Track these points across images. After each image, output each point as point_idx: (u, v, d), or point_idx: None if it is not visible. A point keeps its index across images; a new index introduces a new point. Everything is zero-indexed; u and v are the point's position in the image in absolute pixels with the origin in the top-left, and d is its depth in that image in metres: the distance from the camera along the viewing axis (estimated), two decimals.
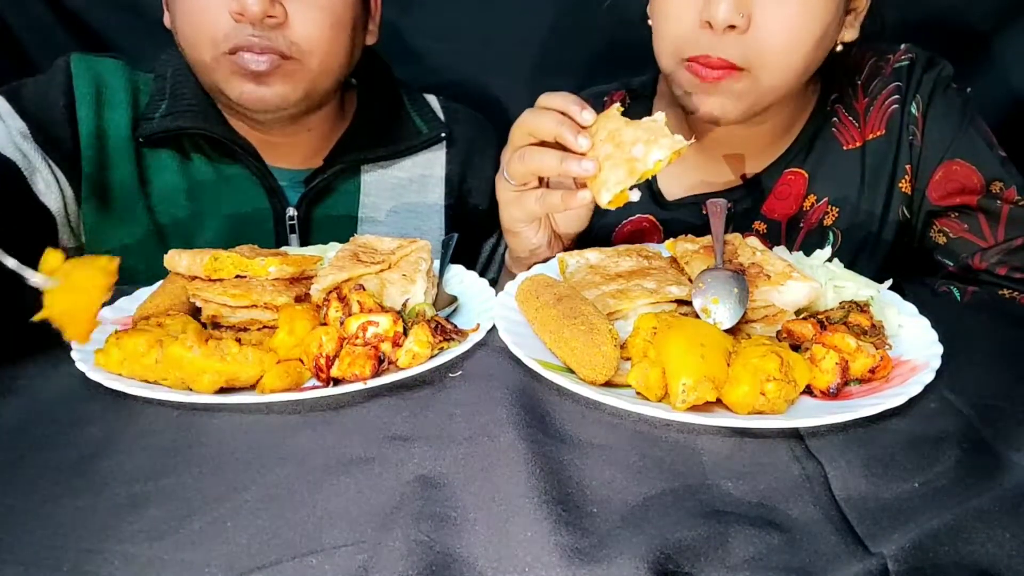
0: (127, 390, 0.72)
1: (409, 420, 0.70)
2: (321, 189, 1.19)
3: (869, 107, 1.11)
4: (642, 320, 0.76)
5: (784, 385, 0.68)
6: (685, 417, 0.68)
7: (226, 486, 0.62)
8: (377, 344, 0.76)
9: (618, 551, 0.54)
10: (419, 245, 0.94)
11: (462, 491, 0.61)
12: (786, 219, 1.13)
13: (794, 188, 1.13)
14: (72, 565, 0.54)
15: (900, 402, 0.69)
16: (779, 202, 1.13)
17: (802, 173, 1.12)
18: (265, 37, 0.99)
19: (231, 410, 0.72)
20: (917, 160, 1.08)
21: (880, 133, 1.10)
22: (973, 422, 0.69)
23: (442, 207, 1.28)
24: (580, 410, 0.72)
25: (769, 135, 1.12)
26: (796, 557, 0.54)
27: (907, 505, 0.59)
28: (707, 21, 0.92)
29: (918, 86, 1.08)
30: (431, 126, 1.26)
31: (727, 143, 1.14)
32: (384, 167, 1.25)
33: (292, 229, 1.17)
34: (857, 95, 1.12)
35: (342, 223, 1.22)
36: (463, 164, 1.30)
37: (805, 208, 1.13)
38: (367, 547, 0.55)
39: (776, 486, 0.62)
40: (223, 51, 1.00)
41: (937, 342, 0.78)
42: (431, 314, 0.82)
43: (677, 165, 1.10)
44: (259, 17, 0.97)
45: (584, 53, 1.45)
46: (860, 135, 1.11)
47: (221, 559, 0.54)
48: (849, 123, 1.11)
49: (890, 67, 1.10)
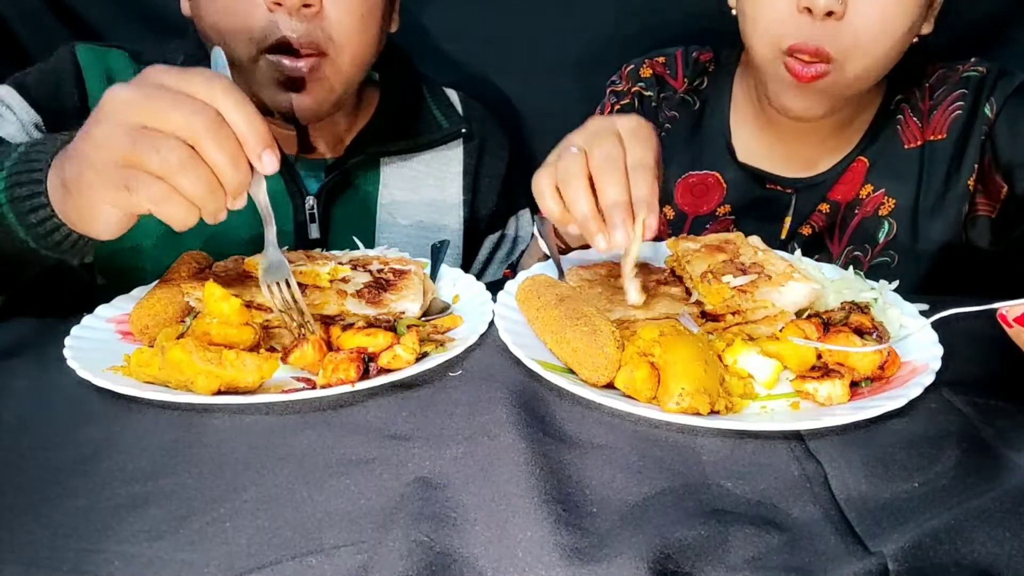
0: (127, 391, 0.72)
1: (409, 420, 0.70)
2: (340, 180, 1.18)
3: (933, 110, 1.14)
4: (645, 330, 0.76)
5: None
6: (685, 418, 0.68)
7: (226, 486, 0.62)
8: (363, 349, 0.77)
9: (618, 551, 0.54)
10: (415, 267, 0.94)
11: (462, 491, 0.61)
12: (845, 203, 1.17)
13: (855, 175, 1.16)
14: (72, 565, 0.54)
15: (900, 404, 0.69)
16: (841, 186, 1.17)
17: (863, 161, 1.16)
18: (302, 30, 0.98)
19: (231, 411, 0.72)
20: (994, 154, 1.09)
21: (941, 136, 1.13)
22: (973, 422, 0.69)
23: (460, 202, 1.28)
24: (580, 410, 0.72)
25: (836, 127, 1.14)
26: (796, 557, 0.54)
27: (907, 505, 0.59)
28: (806, 7, 0.94)
29: (992, 90, 1.11)
30: (451, 121, 1.26)
31: (794, 130, 1.16)
32: (404, 160, 1.24)
33: (312, 219, 1.16)
34: (924, 97, 1.16)
35: (362, 214, 1.21)
36: (478, 161, 1.30)
37: (862, 196, 1.16)
38: (367, 547, 0.55)
39: (776, 486, 0.62)
40: (261, 49, 0.99)
41: (937, 343, 0.78)
42: (424, 329, 0.82)
43: (751, 134, 1.16)
44: (296, 6, 0.96)
45: (591, 53, 1.45)
46: (922, 135, 1.14)
47: (221, 559, 0.54)
48: (913, 123, 1.14)
49: (958, 76, 1.14)
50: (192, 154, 0.68)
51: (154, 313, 0.83)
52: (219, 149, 0.68)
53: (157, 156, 0.67)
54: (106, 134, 0.69)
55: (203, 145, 0.68)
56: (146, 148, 0.67)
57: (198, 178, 0.68)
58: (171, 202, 0.69)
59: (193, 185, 0.68)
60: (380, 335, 0.78)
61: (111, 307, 0.89)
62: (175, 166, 0.67)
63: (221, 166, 0.69)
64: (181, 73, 0.70)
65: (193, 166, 0.68)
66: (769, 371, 0.75)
